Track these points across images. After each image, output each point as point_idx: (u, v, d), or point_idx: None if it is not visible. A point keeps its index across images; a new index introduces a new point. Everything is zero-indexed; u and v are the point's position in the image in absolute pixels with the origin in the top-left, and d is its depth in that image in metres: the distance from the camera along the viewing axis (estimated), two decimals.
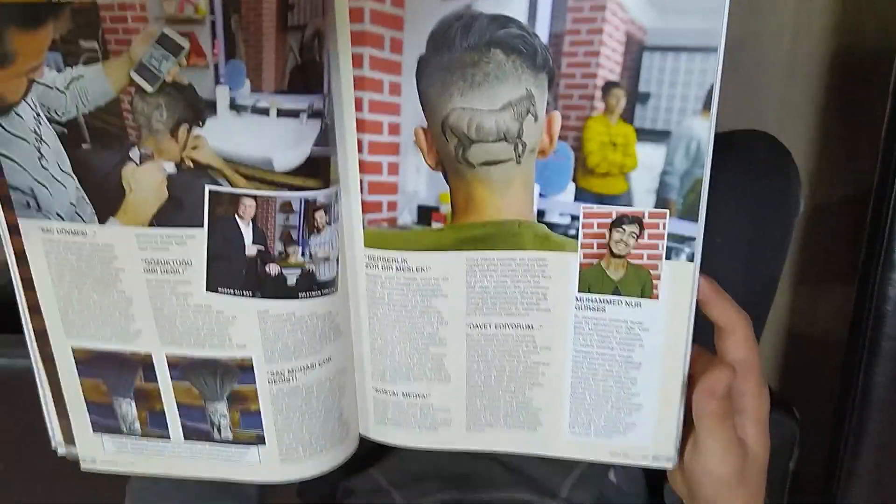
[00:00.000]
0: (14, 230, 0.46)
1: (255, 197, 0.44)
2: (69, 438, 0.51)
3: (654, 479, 0.68)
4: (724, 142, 0.73)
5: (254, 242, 0.45)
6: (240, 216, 0.44)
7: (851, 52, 1.09)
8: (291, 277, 0.46)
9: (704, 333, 0.47)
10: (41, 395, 0.50)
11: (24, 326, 0.48)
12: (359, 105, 0.44)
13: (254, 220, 0.44)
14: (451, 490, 0.64)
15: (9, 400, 0.88)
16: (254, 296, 0.46)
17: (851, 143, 1.11)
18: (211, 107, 0.43)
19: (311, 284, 0.46)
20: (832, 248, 1.14)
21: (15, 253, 0.47)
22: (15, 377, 0.92)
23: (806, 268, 1.18)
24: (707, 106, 0.43)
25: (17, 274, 0.47)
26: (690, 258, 0.45)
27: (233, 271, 0.45)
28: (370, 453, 0.70)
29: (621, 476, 0.67)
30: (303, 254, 0.45)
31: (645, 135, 0.44)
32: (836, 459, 0.91)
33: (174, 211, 0.45)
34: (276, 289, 0.46)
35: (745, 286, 0.46)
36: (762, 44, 1.14)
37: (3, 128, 0.43)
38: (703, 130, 0.43)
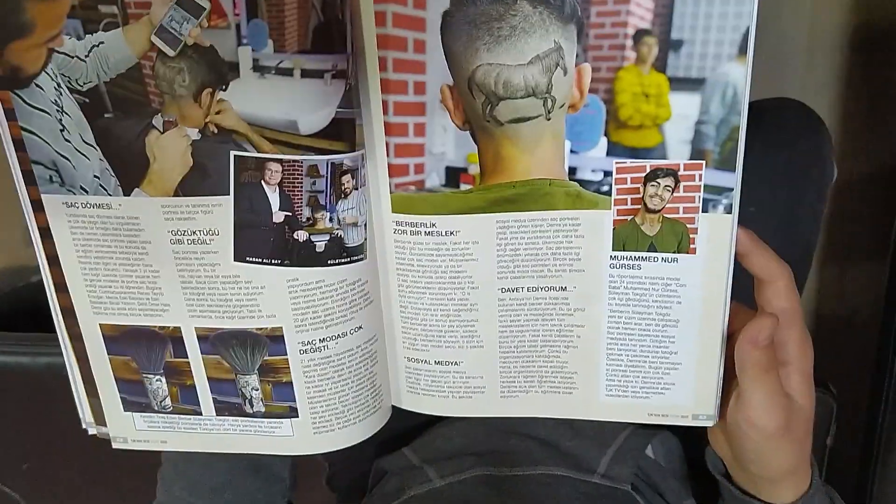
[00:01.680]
0: (38, 206, 0.45)
1: (280, 161, 0.43)
2: (100, 418, 0.50)
3: (692, 453, 0.66)
4: (754, 110, 0.72)
5: (281, 209, 0.44)
6: (266, 182, 0.43)
7: (872, 23, 1.08)
8: (320, 244, 0.45)
9: (744, 292, 0.46)
10: (70, 375, 0.49)
11: (51, 305, 0.48)
12: (383, 64, 0.44)
13: (280, 185, 0.43)
14: (486, 466, 0.62)
15: (34, 398, 0.88)
16: (282, 264, 0.45)
17: (875, 116, 1.09)
18: (234, 69, 0.42)
19: (339, 251, 0.45)
20: (857, 225, 1.12)
21: (39, 230, 0.46)
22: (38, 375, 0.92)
23: (831, 246, 1.16)
24: (743, 50, 0.41)
25: (43, 251, 0.46)
26: (728, 210, 0.43)
27: (260, 239, 0.45)
28: (401, 435, 0.69)
29: (659, 451, 0.66)
30: (331, 219, 0.45)
31: (678, 83, 0.43)
32: (873, 434, 0.89)
33: (200, 179, 0.44)
34: (305, 256, 0.45)
35: (782, 256, 0.45)
36: (782, 18, 1.12)
37: (23, 100, 0.43)
38: (739, 76, 0.42)
